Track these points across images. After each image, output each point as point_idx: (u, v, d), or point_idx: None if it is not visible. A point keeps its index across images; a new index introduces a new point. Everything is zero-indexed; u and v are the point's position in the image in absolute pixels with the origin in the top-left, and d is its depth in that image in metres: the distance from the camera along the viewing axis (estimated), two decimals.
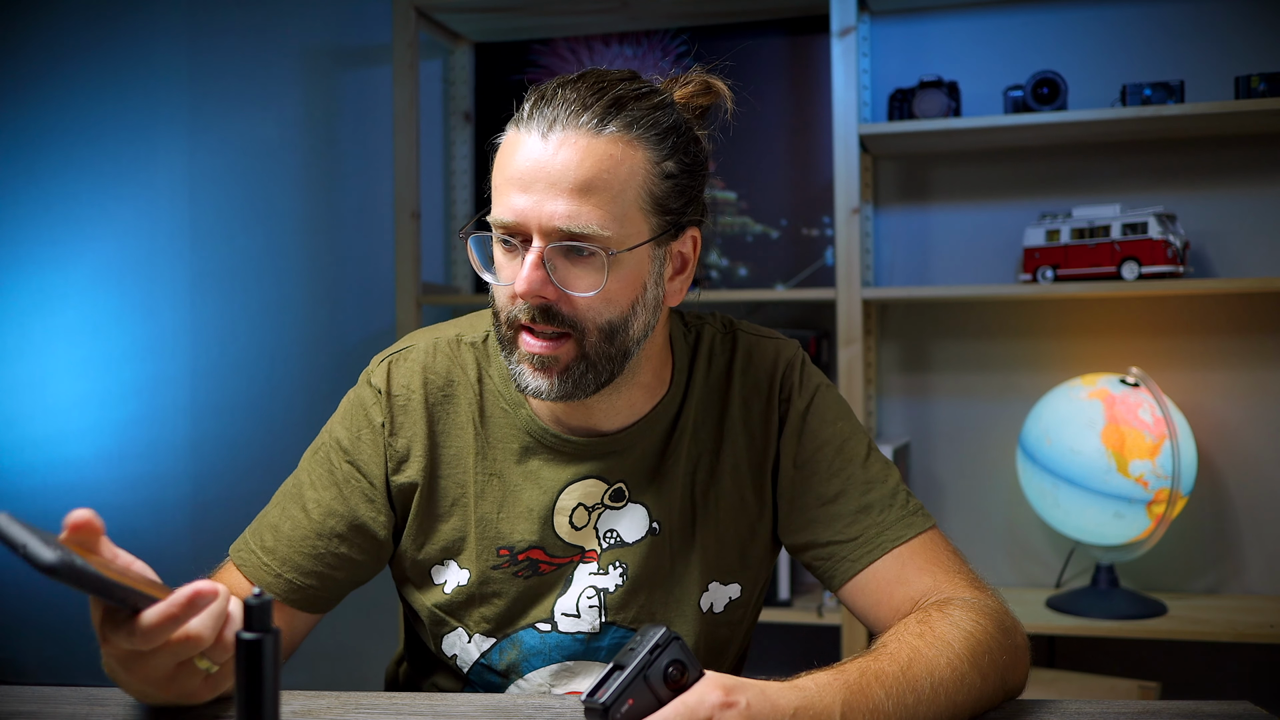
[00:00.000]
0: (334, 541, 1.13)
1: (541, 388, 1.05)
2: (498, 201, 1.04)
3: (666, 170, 1.04)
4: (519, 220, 1.01)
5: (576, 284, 1.02)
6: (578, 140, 1.00)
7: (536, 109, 1.03)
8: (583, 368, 1.04)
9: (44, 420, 2.89)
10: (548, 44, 2.68)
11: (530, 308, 1.02)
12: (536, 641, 1.15)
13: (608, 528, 1.14)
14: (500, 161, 1.04)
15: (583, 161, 1.00)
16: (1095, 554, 2.28)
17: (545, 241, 1.01)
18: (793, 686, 0.87)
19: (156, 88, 2.89)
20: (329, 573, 1.13)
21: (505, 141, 1.05)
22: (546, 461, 1.14)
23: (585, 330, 1.03)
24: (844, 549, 1.13)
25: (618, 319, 1.04)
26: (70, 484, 2.86)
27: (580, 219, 1.00)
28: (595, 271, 1.02)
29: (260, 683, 0.65)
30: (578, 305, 1.03)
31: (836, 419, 1.17)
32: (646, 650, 0.84)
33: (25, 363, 2.91)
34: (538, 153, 1.01)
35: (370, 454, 1.14)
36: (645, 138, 1.03)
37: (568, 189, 1.00)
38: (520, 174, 1.01)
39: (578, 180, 1.00)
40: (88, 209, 2.91)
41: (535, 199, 1.00)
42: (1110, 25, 2.38)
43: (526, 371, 1.05)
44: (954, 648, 0.96)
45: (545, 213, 1.00)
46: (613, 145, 1.01)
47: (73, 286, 2.91)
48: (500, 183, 1.04)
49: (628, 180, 1.02)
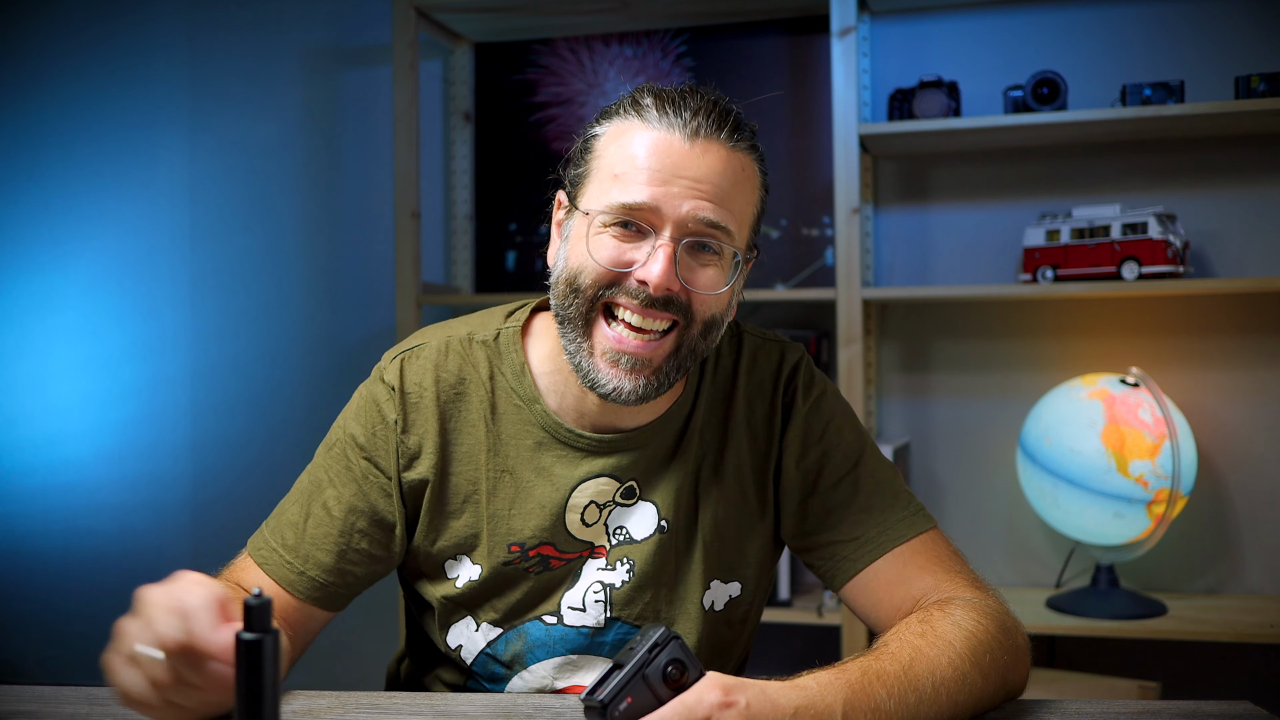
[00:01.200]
0: (356, 537, 1.14)
1: (624, 389, 1.06)
2: (625, 185, 1.05)
3: (761, 191, 1.12)
4: (656, 205, 1.03)
5: (700, 279, 1.06)
6: (719, 150, 1.06)
7: (670, 110, 1.06)
8: (672, 364, 1.07)
9: (44, 420, 2.89)
10: (548, 44, 2.68)
11: (648, 295, 1.04)
12: (542, 634, 1.15)
13: (618, 524, 1.15)
14: (626, 148, 1.06)
15: (726, 170, 1.06)
16: (1095, 554, 2.28)
17: (679, 235, 1.04)
18: (794, 686, 0.87)
19: (156, 88, 2.89)
20: (350, 569, 1.14)
21: (625, 131, 1.07)
22: (560, 457, 1.15)
23: (694, 320, 1.07)
24: (845, 548, 1.13)
25: (719, 316, 1.09)
26: (70, 484, 2.86)
27: (720, 217, 1.05)
28: (717, 271, 1.07)
29: (260, 683, 0.65)
30: (696, 299, 1.06)
31: (839, 421, 1.18)
32: (645, 649, 0.84)
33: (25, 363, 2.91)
34: (681, 151, 1.04)
35: (384, 450, 1.15)
36: (758, 161, 1.11)
37: (709, 191, 1.04)
38: (661, 167, 1.04)
39: (720, 185, 1.05)
40: (88, 209, 2.90)
41: (675, 191, 1.03)
42: (1110, 25, 2.38)
43: (606, 372, 1.06)
44: (955, 647, 0.96)
45: (686, 207, 1.03)
46: (744, 161, 1.08)
47: (73, 286, 2.91)
48: (629, 169, 1.05)
49: (750, 196, 1.09)
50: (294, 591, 1.12)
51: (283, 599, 1.12)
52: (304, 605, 1.13)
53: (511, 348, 1.17)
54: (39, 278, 2.93)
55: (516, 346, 1.17)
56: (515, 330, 1.18)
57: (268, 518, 1.17)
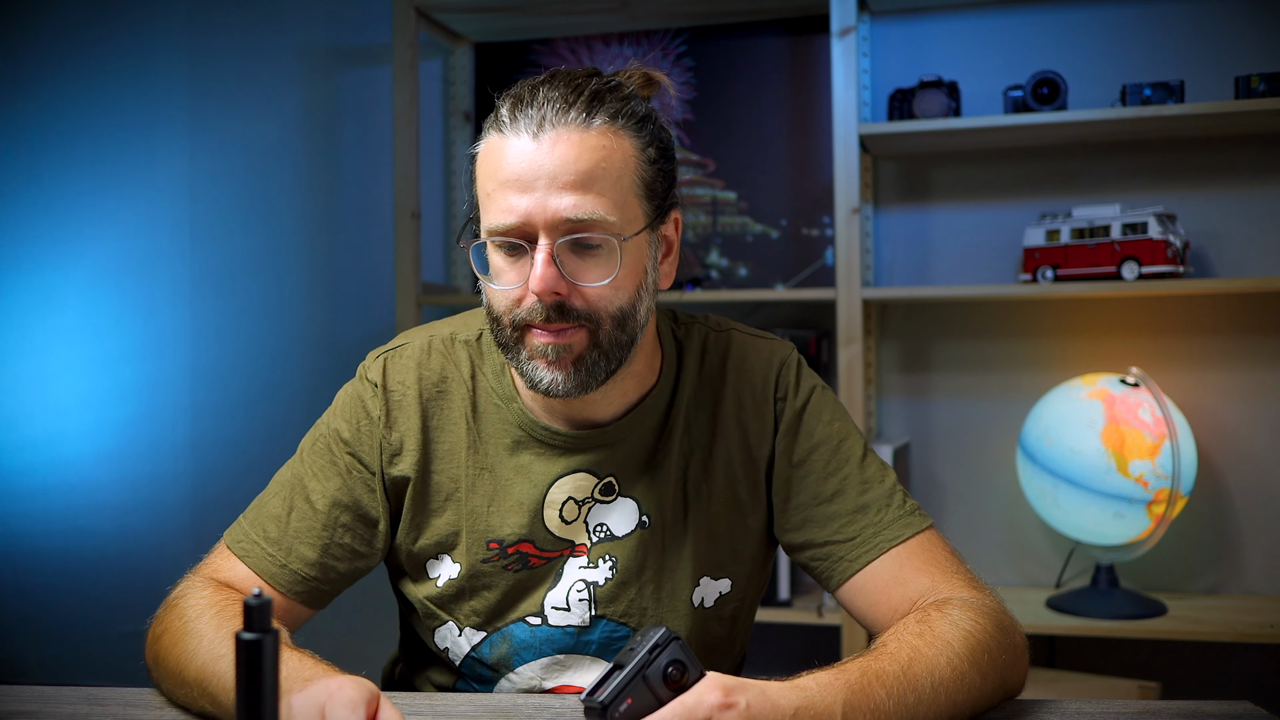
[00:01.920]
0: (339, 532, 1.13)
1: (557, 380, 1.05)
2: (493, 207, 1.04)
3: (650, 156, 1.07)
4: (523, 221, 1.02)
5: (587, 275, 1.04)
6: (570, 135, 1.02)
7: (517, 112, 1.03)
8: (595, 356, 1.05)
9: (44, 420, 2.89)
10: (548, 44, 2.68)
11: (544, 307, 1.03)
12: (527, 635, 1.15)
13: (598, 521, 1.15)
14: (487, 168, 1.05)
15: (580, 155, 1.02)
16: (1095, 554, 2.28)
17: (553, 238, 1.02)
18: (793, 686, 0.87)
19: (156, 88, 2.88)
20: (333, 564, 1.14)
21: (487, 149, 1.06)
22: (537, 455, 1.15)
23: (599, 321, 1.04)
24: (841, 549, 1.13)
25: (627, 306, 1.06)
26: (70, 484, 2.85)
27: (585, 208, 1.01)
28: (604, 262, 1.04)
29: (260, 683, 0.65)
30: (589, 297, 1.04)
31: (832, 419, 1.18)
32: (646, 650, 0.84)
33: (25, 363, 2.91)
34: (532, 152, 1.01)
35: (369, 445, 1.15)
36: (629, 127, 1.05)
37: (569, 183, 1.01)
38: (517, 175, 1.02)
39: (578, 173, 1.01)
40: (88, 209, 2.90)
41: (537, 197, 1.01)
42: (1110, 25, 2.38)
43: (540, 367, 1.05)
44: (954, 647, 0.96)
45: (550, 209, 1.01)
46: (603, 137, 1.03)
47: (73, 287, 2.91)
48: (493, 189, 1.04)
49: (622, 169, 1.04)
50: (276, 585, 1.12)
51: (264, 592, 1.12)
52: (285, 600, 1.12)
53: (493, 347, 1.17)
54: (39, 278, 2.93)
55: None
56: None
57: (245, 511, 1.17)
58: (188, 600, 1.06)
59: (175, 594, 1.09)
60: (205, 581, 1.10)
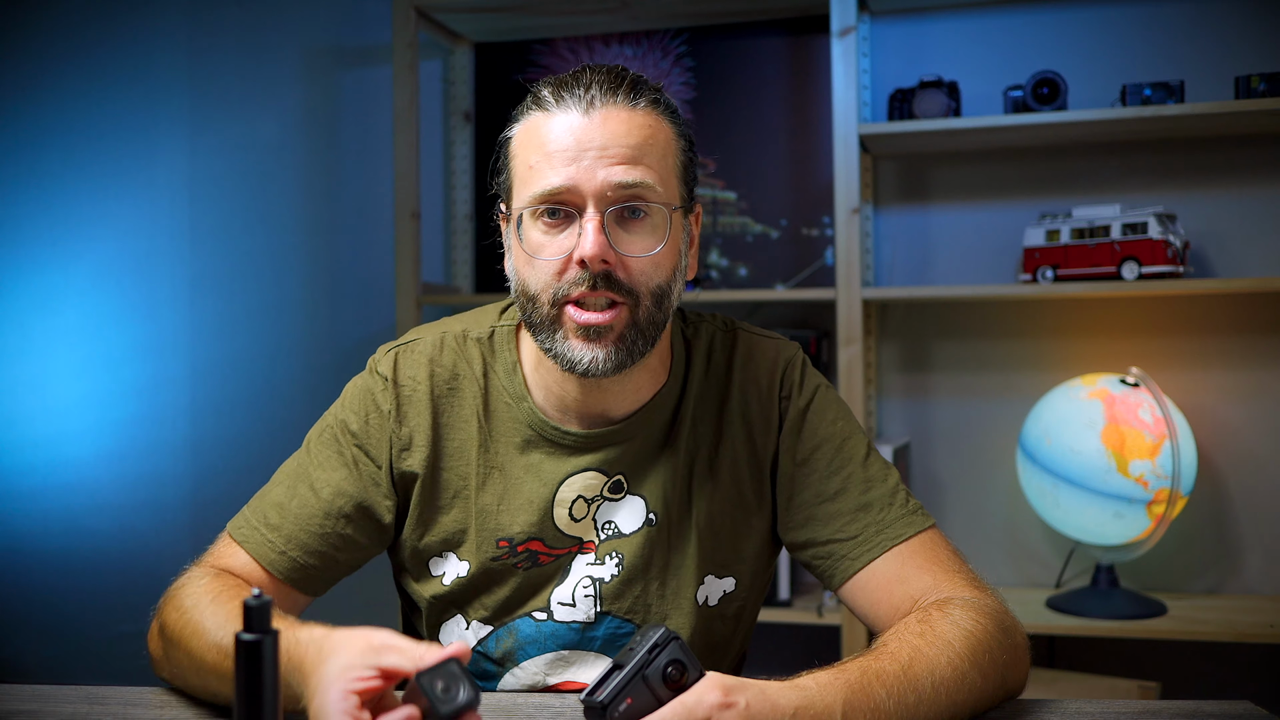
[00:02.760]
0: (340, 522, 1.14)
1: (598, 358, 1.05)
2: (538, 177, 1.05)
3: (684, 145, 1.11)
4: (572, 185, 1.03)
5: (634, 246, 1.05)
6: (619, 113, 1.05)
7: (565, 91, 1.06)
8: (634, 334, 1.06)
9: (44, 420, 2.88)
10: (548, 44, 2.68)
11: (591, 275, 1.03)
12: (532, 630, 1.15)
13: (606, 519, 1.15)
14: (534, 141, 1.06)
15: (630, 130, 1.05)
16: (1095, 554, 2.28)
17: (602, 207, 1.04)
18: (793, 686, 0.87)
19: (156, 88, 2.88)
20: (332, 553, 1.14)
21: (529, 126, 1.08)
22: (547, 455, 1.15)
23: (640, 295, 1.06)
24: (843, 547, 1.13)
25: (665, 284, 1.08)
26: (70, 484, 2.85)
27: (636, 176, 1.04)
28: (651, 232, 1.06)
29: (260, 683, 0.66)
30: (634, 270, 1.05)
31: (836, 418, 1.18)
32: (645, 650, 0.84)
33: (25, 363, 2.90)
34: (582, 125, 1.04)
35: (377, 438, 1.15)
36: (666, 114, 1.09)
37: (620, 155, 1.04)
38: (565, 146, 1.04)
39: (629, 145, 1.04)
40: (88, 209, 2.90)
41: (586, 166, 1.03)
42: (1110, 25, 2.38)
43: (578, 346, 1.06)
44: (955, 647, 0.96)
45: (600, 177, 1.03)
46: (649, 117, 1.07)
47: (73, 286, 2.90)
48: (537, 160, 1.05)
49: (666, 147, 1.08)
50: (273, 571, 1.12)
51: (260, 579, 1.12)
52: (282, 586, 1.12)
53: (505, 345, 1.18)
54: (39, 278, 2.92)
55: (510, 344, 1.18)
56: (510, 328, 1.19)
57: (249, 501, 1.17)
58: (186, 591, 1.07)
59: (175, 585, 1.10)
60: (204, 571, 1.11)
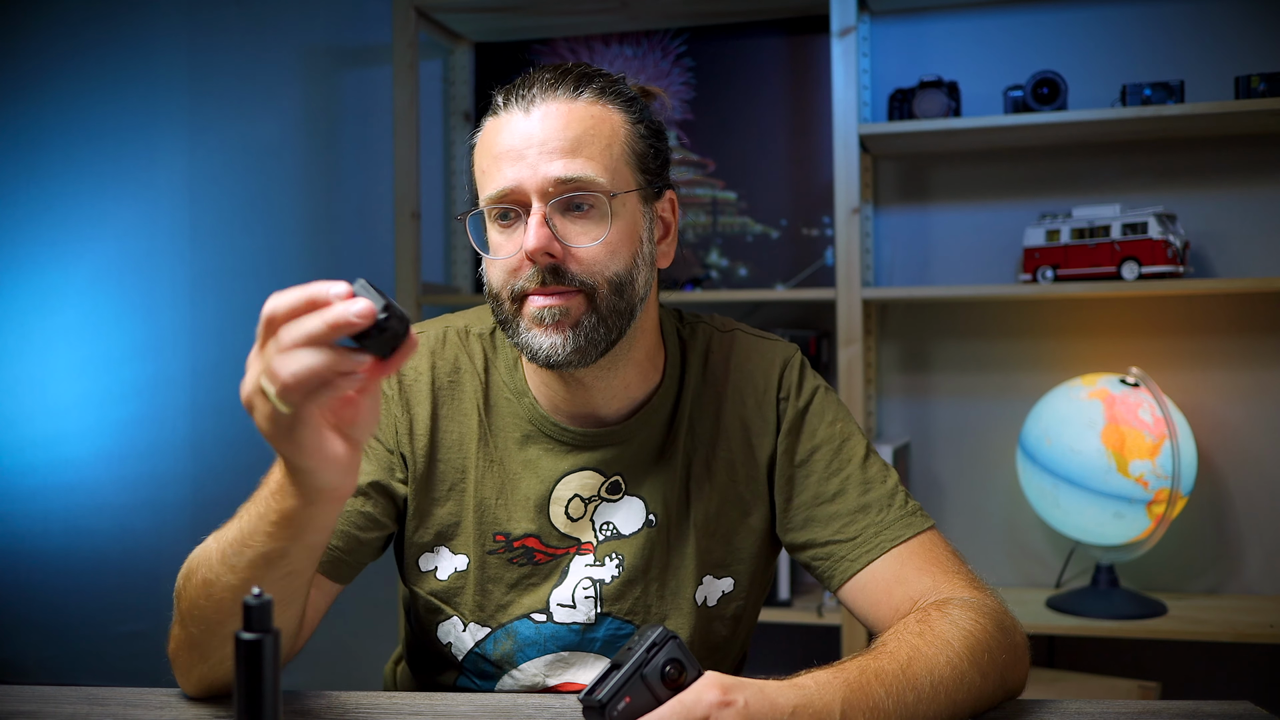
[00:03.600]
0: (360, 500, 1.13)
1: (556, 344, 1.05)
2: (489, 180, 1.07)
3: (640, 131, 1.11)
4: (515, 185, 1.05)
5: (580, 237, 1.06)
6: (558, 107, 1.06)
7: (514, 94, 1.08)
8: (593, 321, 1.06)
9: (44, 420, 2.89)
10: (548, 44, 2.68)
11: (539, 270, 1.04)
12: (531, 632, 1.15)
13: (604, 520, 1.15)
14: (483, 148, 1.09)
15: (569, 123, 1.06)
16: (1095, 554, 2.28)
17: (545, 201, 1.04)
18: (792, 685, 0.87)
19: (156, 88, 2.88)
20: (356, 534, 1.13)
21: (484, 132, 1.10)
22: (546, 450, 1.15)
23: (596, 285, 1.06)
24: (842, 549, 1.13)
25: (624, 271, 1.07)
26: (70, 484, 2.86)
27: (576, 168, 1.04)
28: (596, 223, 1.06)
29: (260, 683, 0.65)
30: (584, 260, 1.05)
31: (835, 419, 1.18)
32: (644, 649, 0.84)
33: (25, 363, 2.91)
34: (523, 125, 1.06)
35: (385, 421, 1.16)
36: (616, 103, 1.10)
37: (559, 148, 1.05)
38: (509, 147, 1.06)
39: (567, 138, 1.05)
40: (88, 209, 2.90)
41: (528, 163, 1.04)
42: (1110, 25, 2.38)
43: (537, 334, 1.06)
44: (954, 646, 0.96)
45: (541, 173, 1.04)
46: (590, 107, 1.08)
47: (73, 286, 2.91)
48: (487, 164, 1.08)
49: (612, 136, 1.08)
50: None
51: None
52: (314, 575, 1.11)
53: (507, 342, 1.18)
54: (39, 278, 2.93)
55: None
56: None
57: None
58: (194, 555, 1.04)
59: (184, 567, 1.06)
60: None
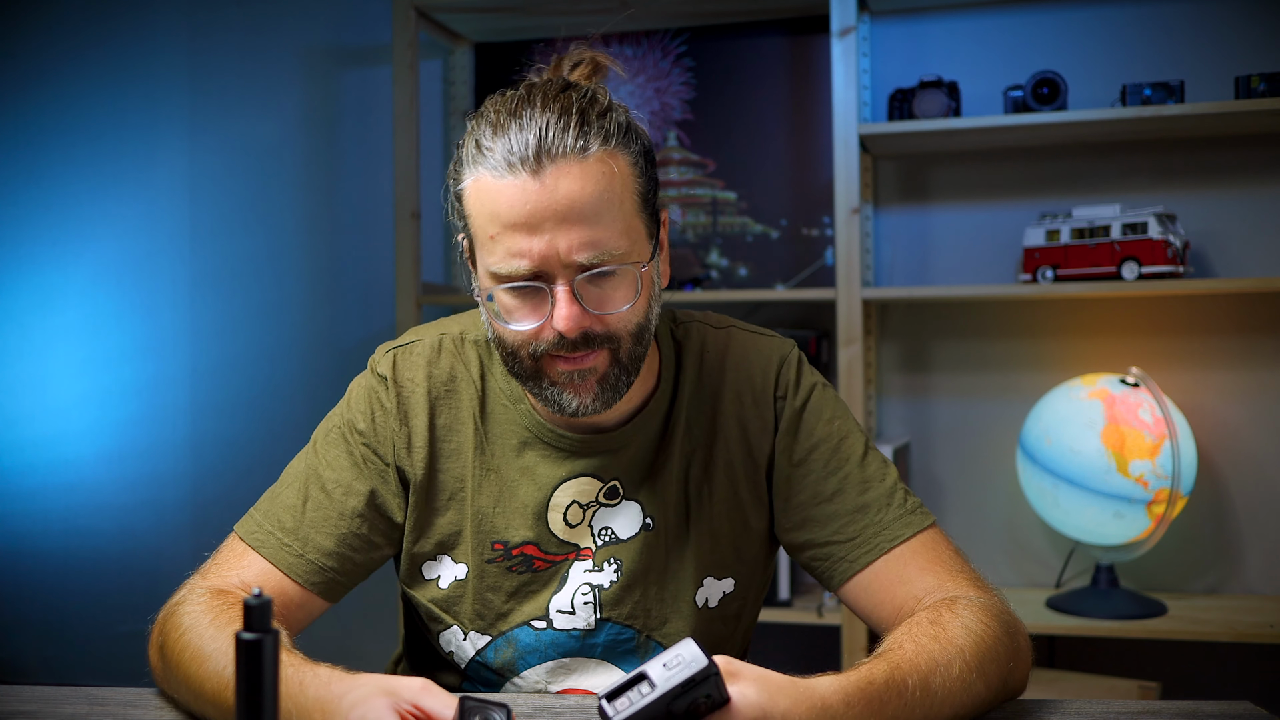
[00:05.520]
0: (356, 521, 1.13)
1: (585, 403, 1.05)
2: (500, 252, 1.01)
3: (641, 167, 1.05)
4: (538, 266, 1.00)
5: (609, 303, 1.03)
6: (570, 168, 0.98)
7: (512, 147, 0.99)
8: (617, 371, 1.06)
9: (44, 420, 2.88)
10: (548, 44, 2.68)
11: (569, 340, 1.02)
12: (532, 639, 1.15)
13: (602, 525, 1.15)
14: (485, 210, 1.01)
15: (584, 186, 0.99)
16: (1095, 554, 2.28)
17: (569, 276, 1.00)
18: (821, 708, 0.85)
19: (156, 88, 2.88)
20: (349, 555, 1.13)
21: (479, 189, 1.01)
22: (543, 457, 1.15)
23: (620, 339, 1.05)
24: (842, 549, 1.13)
25: (644, 321, 1.07)
26: (70, 484, 2.85)
27: (600, 246, 1.00)
28: (623, 285, 1.03)
29: (260, 683, 0.65)
30: (610, 323, 1.03)
31: (833, 417, 1.17)
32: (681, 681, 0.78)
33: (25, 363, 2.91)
34: (534, 193, 0.98)
35: (384, 436, 1.15)
36: (619, 144, 1.02)
37: (578, 219, 0.99)
38: (523, 218, 0.99)
39: (585, 208, 0.99)
40: (88, 209, 2.90)
41: (547, 239, 0.99)
42: (1110, 25, 2.38)
43: (565, 393, 1.05)
44: (965, 654, 0.96)
45: (563, 249, 0.99)
46: (601, 164, 1.00)
47: (73, 286, 2.90)
48: (496, 232, 1.00)
49: (623, 192, 1.02)
50: (293, 575, 1.11)
51: (281, 584, 1.10)
52: (302, 591, 1.11)
53: None
54: (39, 278, 2.92)
55: None
56: None
57: (255, 504, 1.16)
58: (185, 609, 1.04)
59: (174, 600, 1.07)
60: (204, 587, 1.08)
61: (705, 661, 0.78)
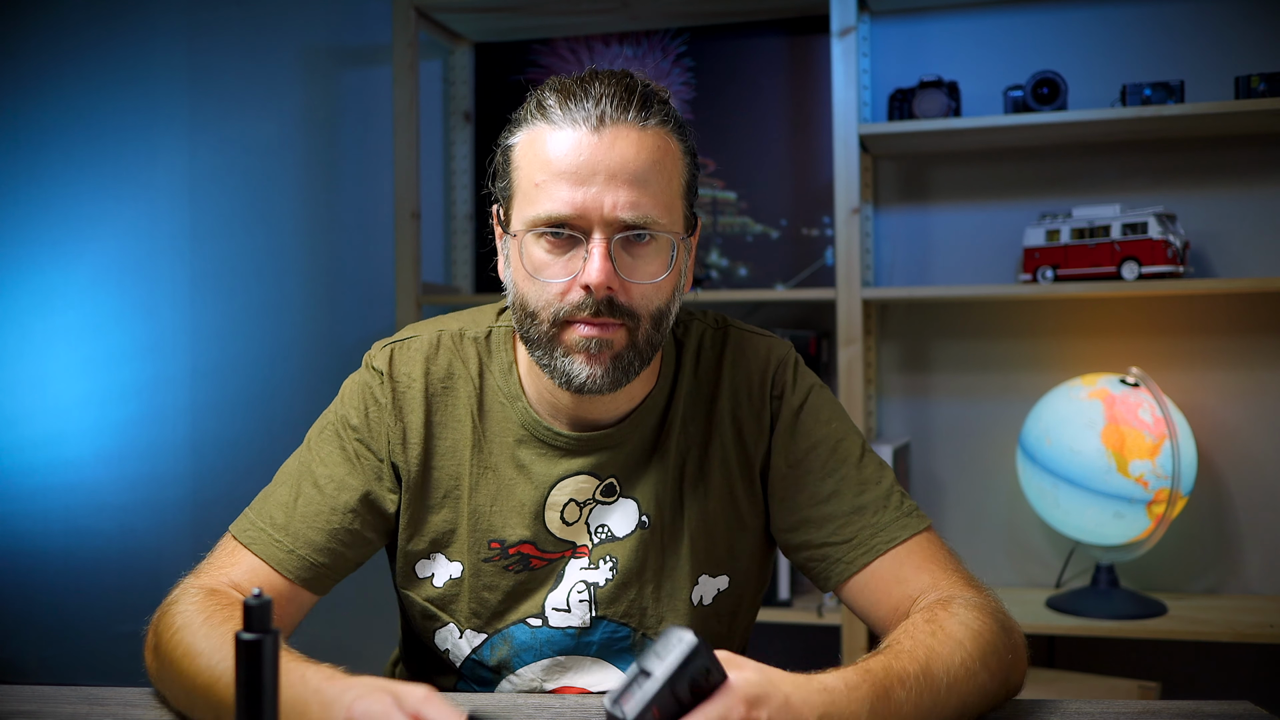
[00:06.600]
0: (348, 517, 1.13)
1: (595, 375, 1.05)
2: (544, 197, 1.03)
3: (688, 160, 1.09)
4: (579, 213, 1.02)
5: (639, 272, 1.04)
6: (629, 133, 1.02)
7: (573, 103, 1.03)
8: (631, 354, 1.06)
9: (44, 420, 2.89)
10: (548, 44, 2.68)
11: (594, 301, 1.02)
12: (527, 637, 1.15)
13: (599, 523, 1.15)
14: (538, 157, 1.04)
15: (639, 153, 1.02)
16: (1095, 554, 2.28)
17: (608, 233, 1.02)
18: (820, 689, 0.85)
19: (156, 88, 2.89)
20: (341, 550, 1.13)
21: (534, 138, 1.05)
22: (540, 455, 1.14)
23: (640, 319, 1.05)
24: (838, 550, 1.13)
25: (664, 306, 1.07)
26: (70, 484, 2.86)
27: (643, 209, 1.02)
28: (655, 259, 1.05)
29: (260, 683, 0.65)
30: (635, 295, 1.04)
31: (830, 419, 1.17)
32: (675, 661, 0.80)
33: (25, 363, 2.91)
34: (590, 146, 1.02)
35: (378, 431, 1.15)
36: (677, 131, 1.07)
37: (628, 180, 1.02)
38: (575, 167, 1.02)
39: (637, 171, 1.02)
40: (88, 209, 2.90)
41: (594, 191, 1.01)
42: (1110, 25, 2.38)
43: (578, 361, 1.05)
44: (965, 647, 0.96)
45: (608, 204, 1.01)
46: (658, 138, 1.04)
47: (73, 286, 2.91)
48: (545, 179, 1.03)
49: (674, 170, 1.06)
50: (283, 571, 1.11)
51: (270, 579, 1.11)
52: (292, 586, 1.11)
53: (502, 346, 1.17)
54: (39, 278, 2.93)
55: (507, 346, 1.17)
56: (507, 329, 1.18)
57: (251, 504, 1.16)
58: (179, 608, 1.04)
59: (169, 600, 1.07)
60: (198, 587, 1.08)
61: (692, 637, 0.81)
